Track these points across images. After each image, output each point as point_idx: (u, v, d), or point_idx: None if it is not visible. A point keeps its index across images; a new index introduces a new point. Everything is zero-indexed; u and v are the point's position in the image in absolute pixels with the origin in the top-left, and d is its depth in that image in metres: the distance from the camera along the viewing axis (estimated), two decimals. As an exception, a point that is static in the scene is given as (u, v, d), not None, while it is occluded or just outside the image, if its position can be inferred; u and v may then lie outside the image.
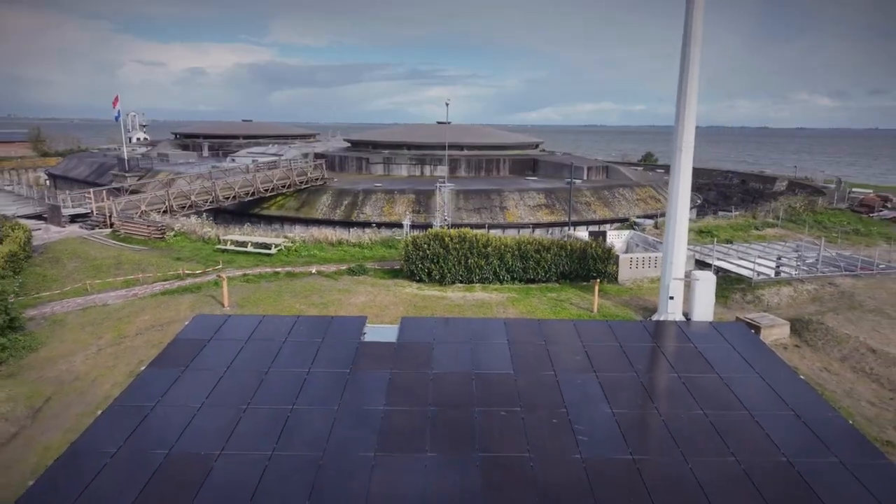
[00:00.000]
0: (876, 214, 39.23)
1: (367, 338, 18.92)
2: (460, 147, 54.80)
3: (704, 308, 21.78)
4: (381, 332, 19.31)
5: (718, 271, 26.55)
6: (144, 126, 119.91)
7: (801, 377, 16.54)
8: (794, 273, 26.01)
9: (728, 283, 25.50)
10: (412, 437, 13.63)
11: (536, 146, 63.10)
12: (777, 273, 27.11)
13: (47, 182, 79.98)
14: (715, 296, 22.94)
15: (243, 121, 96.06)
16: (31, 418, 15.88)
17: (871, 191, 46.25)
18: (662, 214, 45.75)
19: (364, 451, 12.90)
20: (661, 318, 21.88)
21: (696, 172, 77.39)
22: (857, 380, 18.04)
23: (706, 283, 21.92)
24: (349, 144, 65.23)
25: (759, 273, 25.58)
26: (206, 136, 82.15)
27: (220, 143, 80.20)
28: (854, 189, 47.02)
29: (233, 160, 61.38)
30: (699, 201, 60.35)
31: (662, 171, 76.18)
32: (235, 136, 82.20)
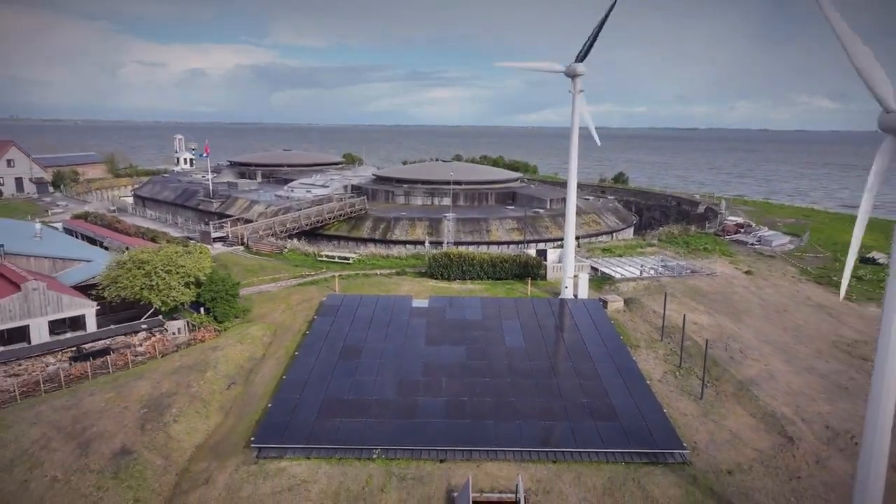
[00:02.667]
0: (728, 237, 60.07)
1: (413, 305, 40.24)
2: (459, 183, 75.67)
3: (583, 292, 42.60)
4: (420, 302, 40.73)
5: (602, 273, 47.44)
6: (193, 149, 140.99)
7: (612, 322, 37.83)
8: (640, 274, 46.90)
9: (605, 280, 46.35)
10: (438, 340, 35.30)
11: (517, 180, 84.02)
12: (641, 274, 47.95)
13: (121, 200, 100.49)
14: (591, 286, 43.86)
15: (284, 150, 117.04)
16: (272, 336, 36.78)
17: (740, 218, 67.01)
18: (594, 234, 66.78)
19: (420, 345, 34.60)
20: (562, 297, 42.67)
21: (647, 195, 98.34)
22: (642, 324, 38.89)
23: (584, 279, 42.80)
24: (376, 177, 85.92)
25: (621, 275, 46.51)
26: (257, 165, 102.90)
27: (269, 170, 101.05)
28: (729, 217, 67.85)
29: (291, 190, 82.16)
30: (635, 220, 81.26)
31: (614, 196, 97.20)
32: (281, 165, 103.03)
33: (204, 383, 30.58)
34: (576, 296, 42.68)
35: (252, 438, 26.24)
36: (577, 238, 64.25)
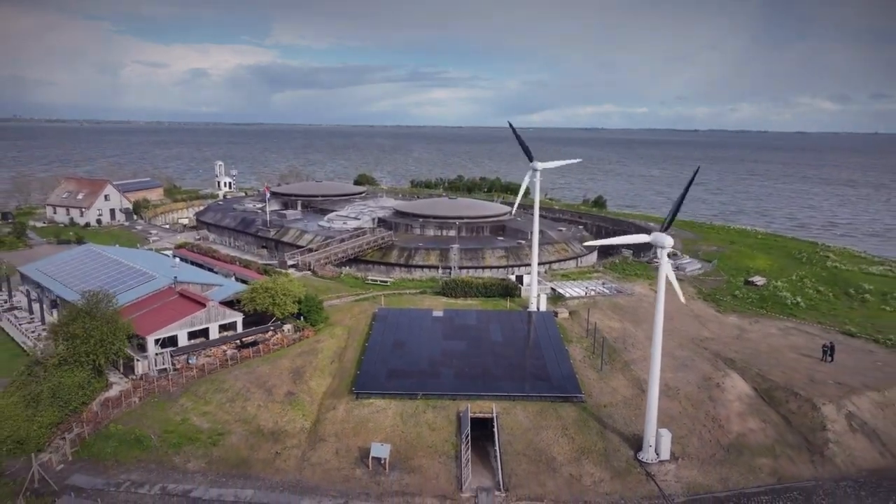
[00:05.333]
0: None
1: (433, 315, 64.13)
2: (461, 218, 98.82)
3: (542, 306, 65.74)
4: (437, 313, 64.64)
5: (557, 293, 70.56)
6: (234, 174, 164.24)
7: (558, 326, 61.58)
8: (585, 294, 70.05)
9: (559, 298, 69.46)
10: (450, 336, 59.66)
11: (506, 214, 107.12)
12: (586, 294, 71.00)
13: (183, 225, 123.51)
14: (549, 302, 67.04)
15: (316, 181, 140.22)
16: (348, 334, 59.93)
17: (671, 249, 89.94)
18: (563, 260, 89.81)
19: (439, 339, 58.78)
20: (529, 310, 65.72)
21: (615, 222, 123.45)
22: (577, 327, 62.02)
23: (543, 298, 66.00)
24: (396, 212, 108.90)
25: (570, 294, 69.70)
26: (297, 196, 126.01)
27: (307, 200, 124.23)
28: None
29: (330, 221, 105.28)
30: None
31: (588, 222, 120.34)
32: (315, 196, 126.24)
33: (318, 361, 53.82)
34: (538, 309, 65.75)
35: (353, 388, 49.40)
36: (549, 263, 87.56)
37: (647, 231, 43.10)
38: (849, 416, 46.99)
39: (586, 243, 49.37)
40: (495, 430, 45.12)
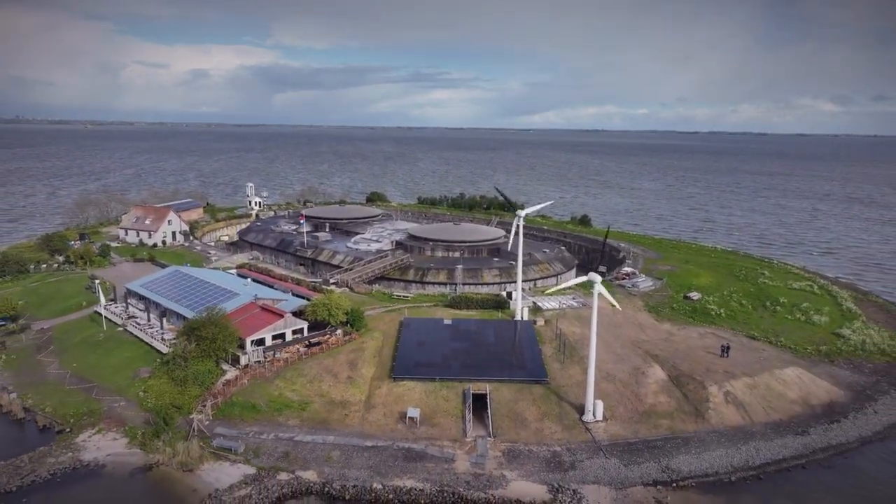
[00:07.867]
0: (617, 282, 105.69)
1: (444, 322, 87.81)
2: (465, 241, 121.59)
3: (525, 316, 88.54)
4: (447, 321, 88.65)
5: (537, 306, 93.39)
6: (265, 196, 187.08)
7: (535, 331, 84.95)
8: (558, 306, 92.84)
9: (538, 310, 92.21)
10: (457, 339, 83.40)
11: (501, 237, 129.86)
12: (559, 306, 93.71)
13: (226, 243, 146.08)
14: (530, 313, 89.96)
15: (339, 206, 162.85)
16: (383, 337, 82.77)
17: (629, 269, 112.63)
18: (545, 277, 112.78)
19: (448, 341, 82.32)
20: (514, 319, 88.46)
21: (594, 242, 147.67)
22: (550, 332, 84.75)
23: (526, 310, 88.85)
24: (410, 235, 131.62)
25: (546, 307, 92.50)
26: (325, 218, 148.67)
27: (334, 222, 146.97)
28: (624, 268, 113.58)
29: (356, 243, 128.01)
30: (577, 261, 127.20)
31: (564, 247, 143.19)
32: (341, 219, 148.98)
33: (365, 355, 76.60)
34: (521, 318, 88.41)
35: (391, 374, 72.16)
36: (534, 280, 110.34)
37: (618, 251, 65.36)
38: (726, 393, 69.80)
39: (547, 292, 73.04)
40: (488, 401, 67.82)
